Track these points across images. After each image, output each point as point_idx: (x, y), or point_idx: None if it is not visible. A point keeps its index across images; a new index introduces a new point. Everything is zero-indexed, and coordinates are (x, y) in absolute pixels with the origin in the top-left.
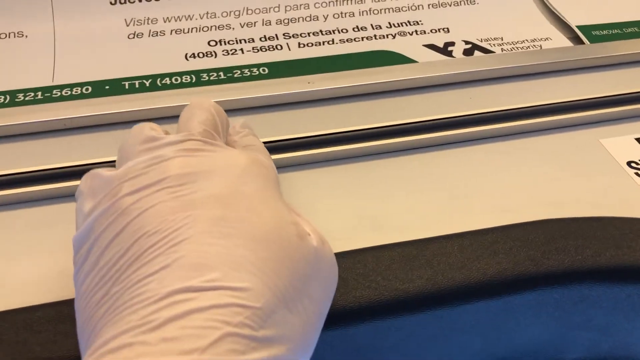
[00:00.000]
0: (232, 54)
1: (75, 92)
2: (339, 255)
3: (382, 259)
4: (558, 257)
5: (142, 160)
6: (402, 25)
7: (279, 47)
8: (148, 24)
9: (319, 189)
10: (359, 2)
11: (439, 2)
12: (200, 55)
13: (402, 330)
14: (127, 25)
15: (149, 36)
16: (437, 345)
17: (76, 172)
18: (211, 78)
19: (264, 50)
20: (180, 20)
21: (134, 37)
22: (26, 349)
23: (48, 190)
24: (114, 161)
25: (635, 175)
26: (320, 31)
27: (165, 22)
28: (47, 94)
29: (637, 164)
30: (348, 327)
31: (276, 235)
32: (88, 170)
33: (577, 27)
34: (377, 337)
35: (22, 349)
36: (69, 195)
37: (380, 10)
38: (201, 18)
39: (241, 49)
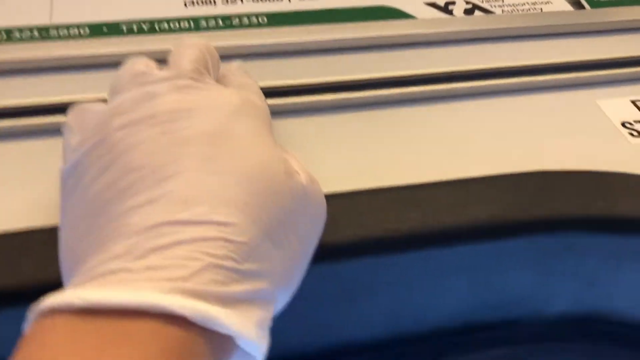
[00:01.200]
0: (232, 2)
1: (73, 32)
2: (331, 196)
3: (374, 200)
4: (547, 206)
5: (133, 95)
6: None
7: None
8: None
9: (315, 137)
10: None
11: None
12: (200, 2)
13: (391, 270)
14: None
15: None
16: (425, 287)
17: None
18: (209, 25)
19: (264, 0)
20: None
21: None
22: (17, 272)
23: (38, 124)
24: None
25: (628, 134)
26: None
27: None
28: (44, 33)
29: (631, 124)
30: (336, 263)
31: (264, 172)
32: None
33: None
34: (366, 275)
35: (13, 271)
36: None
37: None
38: None
39: None
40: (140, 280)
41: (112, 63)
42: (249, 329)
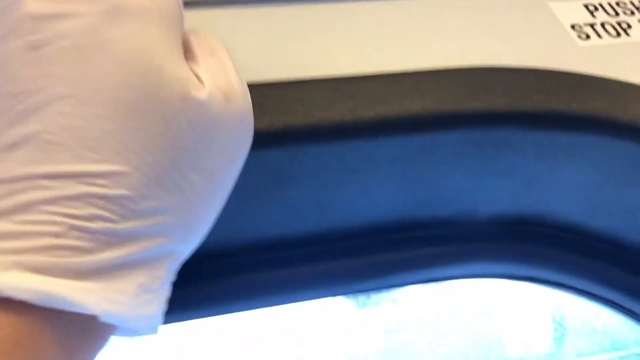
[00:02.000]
0: None
1: None
2: (257, 86)
3: (304, 90)
4: (485, 98)
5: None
6: None
7: None
8: None
9: (248, 30)
10: None
11: None
12: None
13: (319, 159)
14: None
15: None
16: (355, 180)
17: None
18: None
19: None
20: None
21: None
22: None
23: None
24: None
25: (577, 37)
26: None
27: None
28: None
29: (580, 27)
30: (261, 151)
31: (150, 99)
32: None
33: None
34: (292, 165)
35: None
36: None
37: None
38: None
39: None
40: None
41: None
42: (117, 303)
